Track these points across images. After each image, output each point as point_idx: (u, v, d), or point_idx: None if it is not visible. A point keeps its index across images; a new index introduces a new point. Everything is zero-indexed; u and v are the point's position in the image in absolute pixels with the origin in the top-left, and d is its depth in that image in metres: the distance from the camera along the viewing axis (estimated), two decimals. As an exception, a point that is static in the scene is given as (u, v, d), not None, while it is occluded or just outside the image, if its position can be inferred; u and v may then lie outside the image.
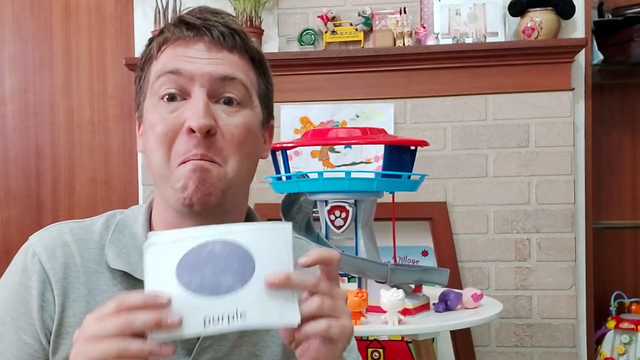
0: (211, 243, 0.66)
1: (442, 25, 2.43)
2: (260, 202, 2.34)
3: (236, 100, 0.80)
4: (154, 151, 0.80)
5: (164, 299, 0.64)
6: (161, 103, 0.79)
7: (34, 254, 0.81)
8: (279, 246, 0.67)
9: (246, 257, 0.66)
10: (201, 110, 0.76)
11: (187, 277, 0.65)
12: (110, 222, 0.87)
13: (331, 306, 0.68)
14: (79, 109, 2.80)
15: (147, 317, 0.63)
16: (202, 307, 0.64)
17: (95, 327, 0.64)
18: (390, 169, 1.74)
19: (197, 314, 0.64)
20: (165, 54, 0.81)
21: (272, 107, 0.89)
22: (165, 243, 0.67)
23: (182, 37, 0.80)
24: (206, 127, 0.76)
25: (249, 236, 0.67)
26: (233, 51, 0.80)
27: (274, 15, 2.54)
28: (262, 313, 0.65)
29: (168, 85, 0.79)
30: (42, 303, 0.79)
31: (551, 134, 2.36)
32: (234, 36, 0.80)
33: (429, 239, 2.44)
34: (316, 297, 0.68)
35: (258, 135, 0.84)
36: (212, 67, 0.78)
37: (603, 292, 2.47)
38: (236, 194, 0.83)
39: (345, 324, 0.69)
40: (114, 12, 2.77)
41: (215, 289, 0.65)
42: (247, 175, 0.84)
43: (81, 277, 0.81)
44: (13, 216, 2.82)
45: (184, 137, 0.77)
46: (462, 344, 2.38)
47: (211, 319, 0.64)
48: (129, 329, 0.62)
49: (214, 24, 0.79)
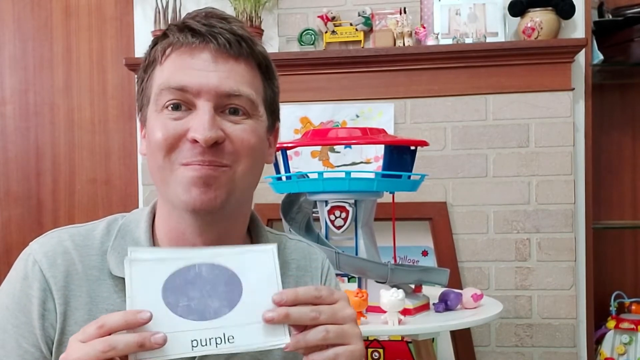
0: (198, 265, 0.67)
1: (442, 25, 2.43)
2: (260, 202, 2.34)
3: (242, 110, 0.79)
4: (154, 155, 0.79)
5: (145, 317, 0.64)
6: (165, 111, 0.78)
7: (35, 262, 0.81)
8: (266, 269, 0.68)
9: (233, 280, 0.67)
10: (207, 123, 0.75)
11: (173, 299, 0.65)
12: (111, 228, 0.86)
13: (337, 334, 0.67)
14: (79, 109, 2.80)
15: (130, 339, 0.63)
16: (189, 330, 0.64)
17: (78, 353, 0.63)
18: (390, 169, 1.74)
19: (184, 336, 0.64)
20: (170, 61, 0.79)
21: (278, 111, 0.89)
22: (151, 260, 0.66)
23: (187, 44, 0.78)
24: (213, 139, 0.75)
25: (235, 259, 0.68)
26: (239, 59, 0.79)
27: (274, 15, 2.54)
28: (250, 336, 0.65)
29: (172, 97, 0.77)
30: (43, 312, 0.79)
31: (551, 134, 2.36)
32: (240, 43, 0.78)
33: (429, 239, 2.44)
34: (320, 327, 0.67)
35: (264, 141, 0.84)
36: (218, 83, 0.77)
37: (603, 292, 2.47)
38: (241, 198, 0.82)
39: (354, 349, 0.68)
40: (114, 13, 2.77)
41: (202, 313, 0.65)
42: (253, 179, 0.83)
43: (83, 285, 0.80)
44: (13, 216, 2.83)
45: (187, 144, 0.76)
46: (462, 344, 2.38)
47: (199, 342, 0.64)
48: (113, 353, 0.62)
49: (220, 30, 0.77)
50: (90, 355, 0.62)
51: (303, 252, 0.95)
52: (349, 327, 0.69)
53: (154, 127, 0.78)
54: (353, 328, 0.70)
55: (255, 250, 0.69)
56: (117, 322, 0.63)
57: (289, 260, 0.93)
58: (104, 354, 0.62)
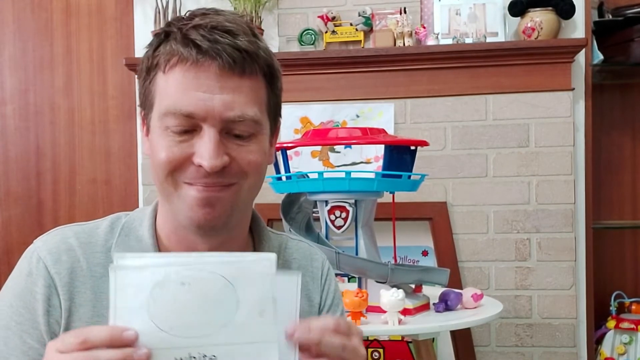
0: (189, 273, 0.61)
1: (442, 25, 2.43)
2: (260, 202, 2.33)
3: (247, 133, 0.79)
4: (158, 171, 0.79)
5: (130, 336, 0.60)
6: (169, 131, 0.77)
7: (39, 258, 0.81)
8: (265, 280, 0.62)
9: (227, 291, 0.61)
10: (212, 151, 0.75)
11: (159, 311, 0.60)
12: (115, 225, 0.86)
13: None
14: (79, 109, 2.80)
15: (113, 355, 0.60)
16: (173, 347, 0.60)
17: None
18: (390, 169, 1.74)
19: (168, 353, 0.60)
20: (174, 78, 0.77)
21: (280, 110, 0.88)
22: (138, 268, 0.61)
23: (192, 60, 0.76)
24: (218, 167, 0.75)
25: (230, 268, 0.62)
26: (243, 76, 0.77)
27: (274, 15, 2.54)
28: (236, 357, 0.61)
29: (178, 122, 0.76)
30: (48, 308, 0.79)
31: (551, 134, 2.36)
32: (244, 58, 0.77)
33: (429, 239, 2.44)
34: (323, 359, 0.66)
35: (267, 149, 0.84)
36: (222, 109, 0.75)
37: (603, 292, 2.47)
38: (245, 209, 0.84)
39: None
40: (114, 13, 2.77)
41: (188, 329, 0.60)
42: (257, 189, 0.84)
43: (87, 282, 0.81)
44: (13, 216, 2.83)
45: (192, 167, 0.77)
46: (462, 344, 2.38)
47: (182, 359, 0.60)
48: None
49: (224, 47, 0.75)
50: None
51: (304, 253, 0.95)
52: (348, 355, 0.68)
53: (158, 145, 0.78)
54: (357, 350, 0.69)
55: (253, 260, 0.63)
56: (101, 338, 0.60)
57: (290, 259, 0.93)
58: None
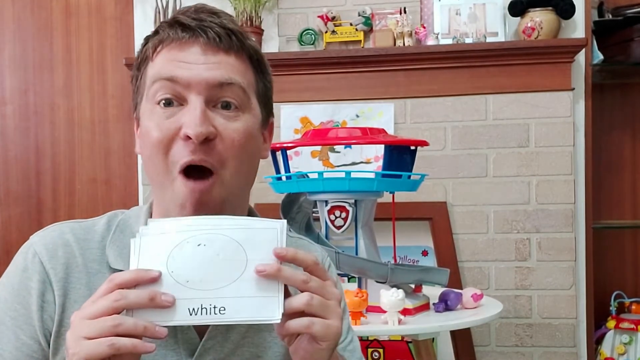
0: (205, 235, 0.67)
1: (442, 25, 2.43)
2: (260, 202, 2.34)
3: (234, 104, 0.79)
4: (151, 159, 0.79)
5: (154, 273, 0.65)
6: (157, 109, 0.78)
7: (35, 253, 0.81)
8: (273, 244, 0.68)
9: (238, 252, 0.67)
10: (198, 118, 0.75)
11: (177, 267, 0.66)
12: (111, 222, 0.86)
13: (320, 304, 0.68)
14: (79, 109, 2.80)
15: (141, 292, 0.64)
16: (188, 297, 0.65)
17: (90, 307, 0.65)
18: (390, 169, 1.74)
19: (183, 303, 0.65)
20: (161, 56, 0.79)
21: (272, 105, 0.88)
22: (159, 234, 0.68)
23: (177, 39, 0.78)
24: (203, 135, 0.75)
25: (242, 233, 0.68)
26: (229, 52, 0.79)
27: (274, 15, 2.54)
28: (242, 308, 0.66)
29: (164, 91, 0.78)
30: (42, 303, 0.79)
31: (551, 134, 2.36)
32: (230, 36, 0.79)
33: (429, 239, 2.44)
34: (305, 294, 0.68)
35: (258, 137, 0.84)
36: (208, 73, 0.77)
37: (603, 292, 2.47)
38: (235, 200, 0.82)
39: (331, 323, 0.68)
40: (114, 13, 2.77)
41: (202, 283, 0.66)
42: (247, 178, 0.83)
43: (83, 278, 0.81)
44: (13, 216, 2.83)
45: (180, 142, 0.77)
46: (462, 344, 2.38)
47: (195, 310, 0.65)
48: (123, 304, 0.64)
49: (210, 24, 0.78)
50: (103, 306, 0.64)
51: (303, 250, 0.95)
52: (332, 303, 0.70)
53: (149, 126, 0.79)
54: (336, 306, 0.70)
55: (264, 226, 0.69)
56: (128, 277, 0.65)
57: None
58: (115, 303, 0.63)
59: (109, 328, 0.63)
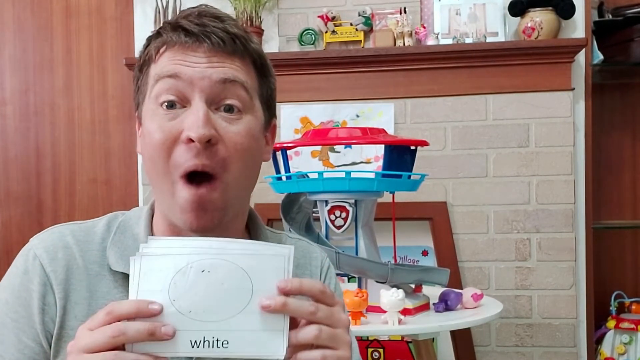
0: (209, 261, 0.64)
1: (442, 25, 2.43)
2: (260, 202, 2.34)
3: (237, 107, 0.78)
4: (153, 160, 0.78)
5: (156, 307, 0.63)
6: (159, 110, 0.78)
7: (35, 256, 0.81)
8: (280, 274, 0.66)
9: (243, 281, 0.64)
10: (200, 120, 0.75)
11: (179, 295, 0.64)
12: (112, 224, 0.86)
13: (329, 336, 0.66)
14: (79, 110, 2.80)
15: (141, 326, 0.62)
16: (191, 329, 0.63)
17: (87, 339, 0.63)
18: (390, 169, 1.74)
19: (185, 335, 0.63)
20: (164, 57, 0.79)
21: (275, 107, 0.88)
22: (160, 255, 0.65)
23: (181, 43, 0.78)
24: (206, 137, 0.74)
25: (249, 260, 0.65)
26: (233, 56, 0.79)
27: (274, 15, 2.54)
28: (246, 342, 0.64)
29: (167, 90, 0.77)
30: (43, 306, 0.79)
31: (551, 134, 2.36)
32: (234, 41, 0.78)
33: (429, 239, 2.44)
34: (314, 326, 0.66)
35: (260, 140, 0.83)
36: (212, 71, 0.77)
37: (603, 292, 2.47)
38: (237, 204, 0.82)
39: (342, 355, 0.67)
40: (114, 13, 2.77)
41: (205, 314, 0.64)
42: (249, 181, 0.83)
43: (83, 280, 0.80)
44: (13, 216, 2.83)
45: (182, 146, 0.76)
46: (462, 344, 2.38)
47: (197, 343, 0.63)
48: (122, 339, 0.62)
49: (213, 30, 0.77)
50: (99, 340, 0.62)
51: (303, 251, 0.95)
52: (341, 332, 0.68)
53: (151, 128, 0.78)
54: (345, 335, 0.69)
55: (272, 254, 0.66)
56: (128, 309, 0.63)
57: None
58: (113, 339, 0.61)
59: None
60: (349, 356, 0.68)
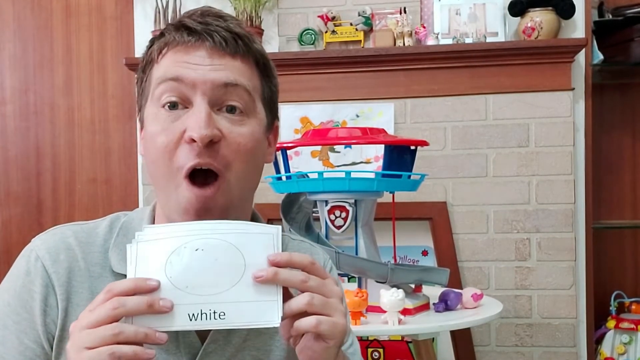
0: (202, 240, 0.67)
1: (442, 25, 2.43)
2: (260, 202, 2.34)
3: (239, 108, 0.78)
4: (156, 163, 0.78)
5: (153, 283, 0.65)
6: (162, 112, 0.78)
7: (37, 257, 0.80)
8: (269, 250, 0.69)
9: (236, 256, 0.68)
10: (202, 121, 0.74)
11: (175, 273, 0.66)
12: (114, 225, 0.85)
13: (322, 303, 0.68)
14: (79, 109, 2.80)
15: (139, 299, 0.64)
16: (188, 303, 0.66)
17: (88, 317, 0.65)
18: (390, 168, 1.74)
19: (182, 309, 0.66)
20: (166, 59, 0.79)
21: (277, 109, 0.88)
22: (156, 239, 0.68)
23: (183, 42, 0.78)
24: (208, 137, 0.74)
25: (240, 238, 0.68)
26: (235, 56, 0.78)
27: (274, 15, 2.54)
28: (242, 314, 0.67)
29: (169, 92, 0.77)
30: (45, 307, 0.79)
31: (551, 134, 2.36)
32: (236, 40, 0.78)
33: (429, 239, 2.44)
34: (306, 294, 0.68)
35: (263, 141, 0.83)
36: (214, 74, 0.76)
37: (603, 292, 2.47)
38: (239, 205, 0.82)
39: (336, 321, 0.68)
40: (114, 12, 2.77)
41: (201, 288, 0.66)
42: (252, 182, 0.83)
43: (85, 282, 0.80)
44: (13, 216, 2.83)
45: (185, 146, 0.76)
46: (462, 344, 2.38)
47: (194, 315, 0.66)
48: (121, 311, 0.64)
49: (216, 28, 0.77)
50: (100, 315, 0.64)
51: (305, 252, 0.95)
52: (334, 301, 0.69)
53: (153, 131, 0.78)
54: (338, 303, 0.70)
55: (260, 232, 0.69)
56: (127, 286, 0.65)
57: None
58: (113, 311, 0.64)
59: (110, 337, 0.63)
60: (344, 323, 0.70)
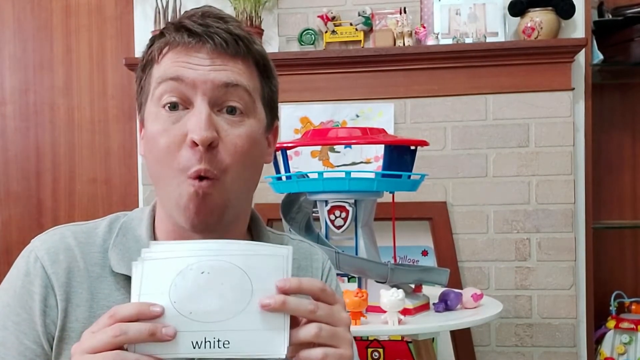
0: (208, 262, 0.65)
1: (442, 25, 2.43)
2: (260, 202, 2.34)
3: (239, 109, 0.78)
4: (159, 165, 0.78)
5: (157, 309, 0.63)
6: (162, 112, 0.78)
7: (37, 258, 0.80)
8: (279, 274, 0.66)
9: (243, 281, 0.65)
10: (203, 122, 0.75)
11: (180, 297, 0.64)
12: (113, 226, 0.85)
13: (330, 334, 0.66)
14: (79, 109, 2.80)
15: (142, 326, 0.63)
16: (192, 330, 0.64)
17: (90, 340, 0.64)
18: (390, 168, 1.74)
19: (186, 336, 0.64)
20: (167, 59, 0.79)
21: (277, 109, 0.88)
22: (162, 258, 0.66)
23: (184, 44, 0.78)
24: (209, 139, 0.74)
25: (248, 260, 0.65)
26: (236, 58, 0.78)
27: (274, 15, 2.54)
28: (247, 342, 0.64)
29: (169, 92, 0.77)
30: (44, 308, 0.79)
31: (551, 134, 2.36)
32: (236, 42, 0.78)
33: (429, 239, 2.44)
34: (314, 324, 0.66)
35: (261, 142, 0.83)
36: (214, 75, 0.77)
37: (603, 292, 2.47)
38: (238, 205, 0.82)
39: (343, 353, 0.67)
40: (114, 12, 2.77)
41: (206, 315, 0.64)
42: (249, 183, 0.83)
43: (84, 282, 0.80)
44: (13, 216, 2.83)
45: (187, 149, 0.76)
46: (462, 344, 2.38)
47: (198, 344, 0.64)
48: (123, 339, 0.62)
49: (216, 30, 0.77)
50: (101, 340, 0.63)
51: (304, 253, 0.95)
52: (342, 331, 0.68)
53: (155, 132, 0.78)
54: (345, 333, 0.69)
55: (271, 254, 0.66)
56: (130, 311, 0.63)
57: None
58: (114, 339, 0.62)
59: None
60: (350, 354, 0.68)
